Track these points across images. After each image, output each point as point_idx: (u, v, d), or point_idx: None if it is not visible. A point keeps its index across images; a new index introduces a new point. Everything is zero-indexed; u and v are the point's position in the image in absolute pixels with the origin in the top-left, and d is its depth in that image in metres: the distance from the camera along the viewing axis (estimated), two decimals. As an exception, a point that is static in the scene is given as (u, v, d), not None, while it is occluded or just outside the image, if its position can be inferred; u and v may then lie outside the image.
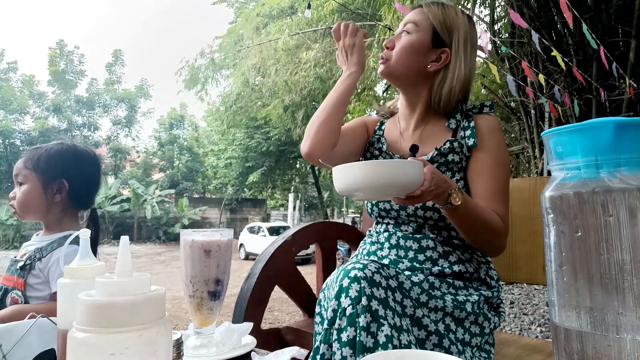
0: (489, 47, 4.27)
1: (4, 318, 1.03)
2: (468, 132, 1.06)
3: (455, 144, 1.05)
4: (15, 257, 1.25)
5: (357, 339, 0.75)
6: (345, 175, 0.79)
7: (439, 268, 0.99)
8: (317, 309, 0.92)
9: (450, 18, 1.07)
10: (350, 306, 0.77)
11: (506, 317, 4.13)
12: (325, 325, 0.80)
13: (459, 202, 0.88)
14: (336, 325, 0.78)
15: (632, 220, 0.47)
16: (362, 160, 1.21)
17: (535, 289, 5.14)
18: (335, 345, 0.77)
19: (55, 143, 1.31)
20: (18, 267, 1.20)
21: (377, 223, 1.14)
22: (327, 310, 0.82)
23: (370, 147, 1.20)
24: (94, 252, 1.27)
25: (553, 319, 0.53)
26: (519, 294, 5.04)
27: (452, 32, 1.06)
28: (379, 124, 1.24)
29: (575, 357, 0.50)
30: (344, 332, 0.76)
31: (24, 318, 0.71)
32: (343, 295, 0.79)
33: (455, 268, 0.99)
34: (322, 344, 0.79)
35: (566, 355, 0.51)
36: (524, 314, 4.26)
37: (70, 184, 1.27)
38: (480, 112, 1.09)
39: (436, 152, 1.05)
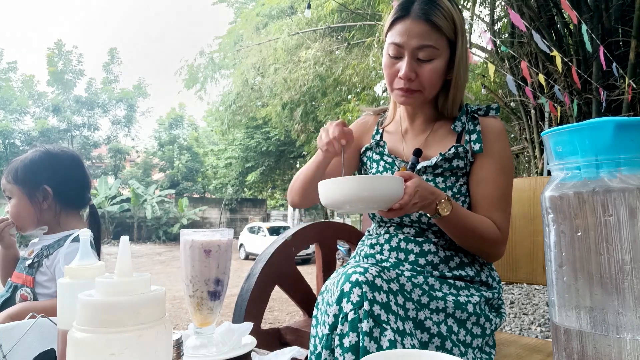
0: (489, 46, 4.27)
1: (12, 315, 1.06)
2: (474, 137, 1.04)
3: (460, 149, 1.02)
4: (22, 254, 1.28)
5: (361, 344, 0.74)
6: (328, 190, 0.83)
7: (439, 273, 0.98)
8: (314, 312, 0.91)
9: (457, 20, 0.99)
10: (352, 311, 0.76)
11: (506, 318, 4.12)
12: (326, 330, 0.79)
13: (447, 213, 0.89)
14: (338, 331, 0.77)
15: (632, 220, 0.47)
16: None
17: (535, 289, 5.14)
18: (338, 351, 0.76)
19: (30, 152, 1.32)
20: (27, 265, 1.23)
21: (379, 226, 1.11)
22: (328, 315, 0.80)
23: (367, 151, 1.16)
24: (97, 249, 1.29)
25: (553, 319, 0.53)
26: (519, 294, 5.04)
27: (459, 33, 1.00)
28: (376, 125, 1.20)
29: (575, 357, 0.50)
30: (346, 337, 0.75)
31: None
32: (344, 300, 0.78)
33: (456, 273, 0.99)
34: (323, 350, 0.78)
35: (566, 355, 0.51)
36: (524, 314, 4.25)
37: (54, 189, 1.27)
38: (486, 114, 1.07)
39: (440, 158, 1.02)
